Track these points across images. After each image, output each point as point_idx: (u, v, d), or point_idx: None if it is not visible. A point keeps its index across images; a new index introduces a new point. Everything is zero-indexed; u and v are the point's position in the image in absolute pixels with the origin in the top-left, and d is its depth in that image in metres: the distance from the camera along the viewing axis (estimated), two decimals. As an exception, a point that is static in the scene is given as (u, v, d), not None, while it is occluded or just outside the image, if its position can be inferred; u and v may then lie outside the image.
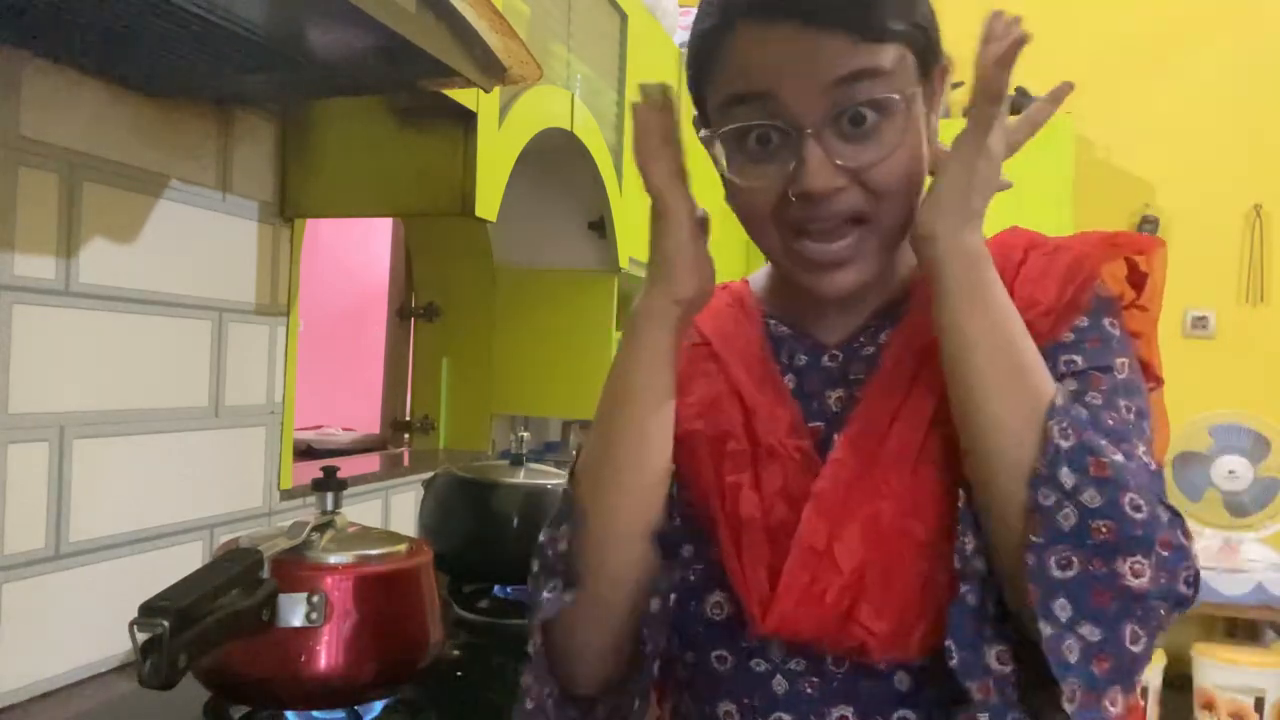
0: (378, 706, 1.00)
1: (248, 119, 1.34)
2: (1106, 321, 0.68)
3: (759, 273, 0.83)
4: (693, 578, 0.69)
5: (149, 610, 0.71)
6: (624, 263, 1.96)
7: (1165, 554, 0.59)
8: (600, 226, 1.92)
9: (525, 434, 1.55)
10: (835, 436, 0.69)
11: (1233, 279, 3.37)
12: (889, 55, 0.64)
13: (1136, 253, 0.71)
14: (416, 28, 0.92)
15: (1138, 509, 0.58)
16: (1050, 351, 0.66)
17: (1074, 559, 0.58)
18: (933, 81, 0.68)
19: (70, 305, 1.10)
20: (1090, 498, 0.58)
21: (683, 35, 2.74)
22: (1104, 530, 0.58)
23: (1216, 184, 3.35)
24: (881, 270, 0.70)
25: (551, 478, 1.50)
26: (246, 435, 1.38)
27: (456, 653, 1.26)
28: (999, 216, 0.68)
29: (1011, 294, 0.66)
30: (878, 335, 0.73)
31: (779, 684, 0.67)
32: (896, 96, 0.64)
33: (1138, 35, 3.42)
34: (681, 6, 2.68)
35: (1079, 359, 0.67)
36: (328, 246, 3.47)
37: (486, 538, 1.44)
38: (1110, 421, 0.64)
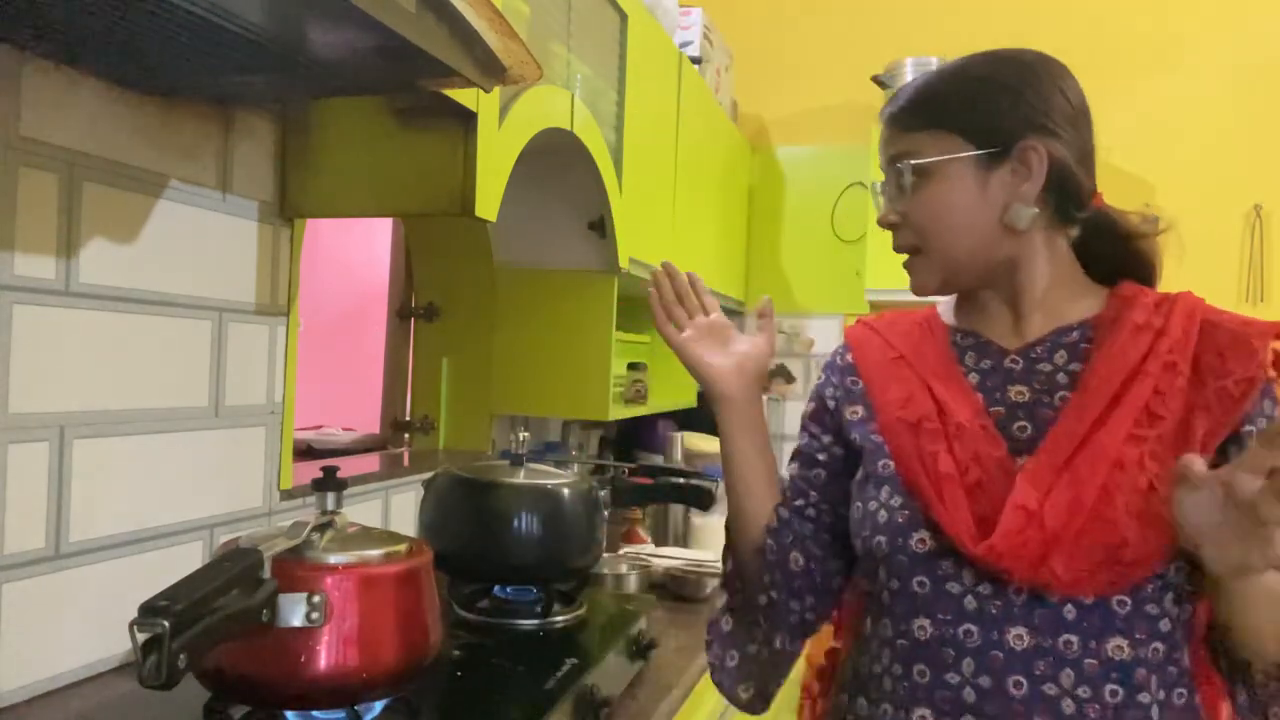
0: (378, 706, 1.00)
1: (248, 119, 1.34)
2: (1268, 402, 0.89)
3: (946, 300, 1.07)
4: (901, 520, 0.91)
5: (149, 610, 0.71)
6: (624, 263, 1.96)
7: None
8: (600, 226, 1.92)
9: (525, 434, 1.55)
10: (1022, 424, 0.92)
11: (1233, 279, 3.37)
12: (926, 141, 0.95)
13: None
14: (416, 28, 0.92)
15: None
16: (1239, 422, 0.87)
17: None
18: (1003, 156, 0.93)
19: (70, 305, 1.10)
20: None
21: (683, 35, 2.74)
22: None
23: (1216, 184, 3.35)
24: (942, 285, 0.99)
25: (551, 478, 1.50)
26: (246, 435, 1.38)
27: (456, 653, 1.26)
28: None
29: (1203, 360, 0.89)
30: (1053, 353, 0.95)
31: (969, 603, 0.88)
32: (931, 162, 0.94)
33: (1138, 35, 3.42)
34: (681, 7, 2.69)
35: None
36: (328, 246, 3.46)
37: (486, 538, 1.44)
38: None
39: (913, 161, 0.95)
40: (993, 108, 0.93)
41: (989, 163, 0.93)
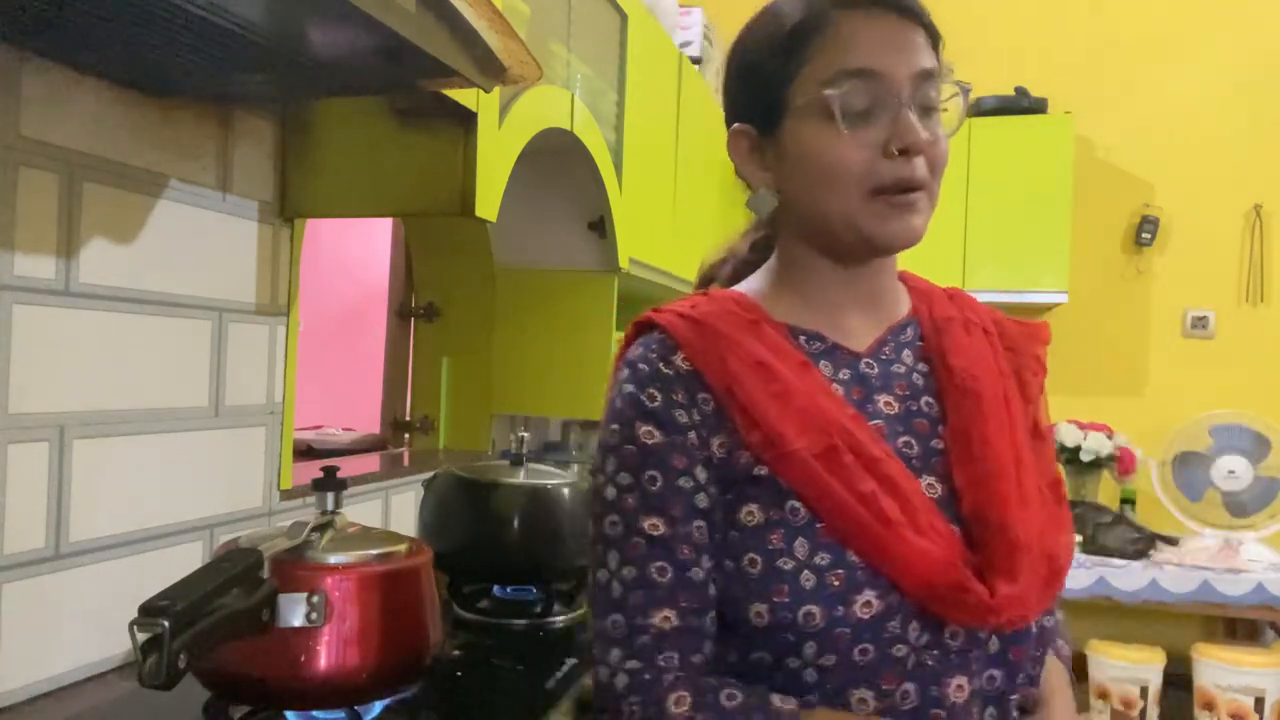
0: (378, 706, 1.00)
1: (248, 119, 1.34)
2: None
3: (751, 285, 0.89)
4: (836, 582, 0.74)
5: (149, 610, 0.71)
6: (624, 263, 1.96)
7: None
8: (600, 226, 1.92)
9: (525, 434, 1.55)
10: (906, 439, 0.81)
11: (1233, 279, 3.37)
12: (937, 59, 0.80)
13: None
14: (416, 28, 0.92)
15: None
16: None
17: None
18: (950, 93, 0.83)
19: (70, 305, 1.10)
20: None
21: (683, 35, 2.74)
22: None
23: (1216, 184, 3.35)
24: (921, 235, 0.81)
25: (551, 478, 1.50)
26: (246, 435, 1.38)
27: (456, 653, 1.26)
28: (1002, 216, 0.71)
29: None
30: (901, 351, 0.85)
31: (910, 660, 0.75)
32: (953, 92, 0.81)
33: (1138, 35, 3.42)
34: (681, 7, 2.69)
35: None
36: (328, 246, 3.47)
37: (486, 538, 1.44)
38: None
39: (957, 84, 0.81)
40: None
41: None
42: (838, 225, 0.80)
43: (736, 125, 0.86)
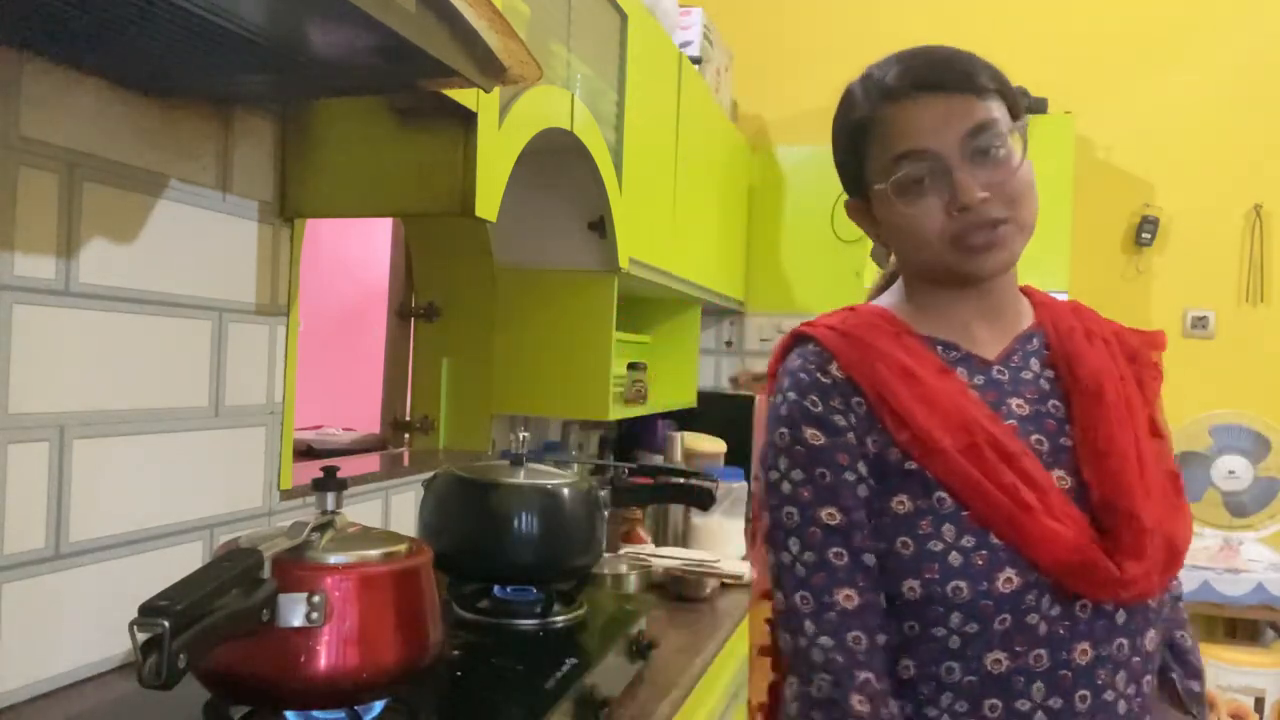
0: (378, 706, 1.00)
1: (248, 119, 1.34)
2: None
3: (888, 301, 1.00)
4: (981, 561, 0.84)
5: (149, 610, 0.71)
6: (624, 263, 1.96)
7: None
8: (600, 226, 1.92)
9: (525, 434, 1.55)
10: (1037, 438, 0.90)
11: (1233, 279, 3.37)
12: (997, 106, 0.90)
13: None
14: (416, 28, 0.92)
15: None
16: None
17: None
18: (1020, 124, 0.91)
19: (70, 305, 1.10)
20: None
21: (683, 35, 2.74)
22: None
23: (1216, 184, 3.35)
24: (1017, 255, 0.91)
25: (551, 478, 1.50)
26: (246, 435, 1.38)
27: (456, 653, 1.26)
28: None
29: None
30: (1029, 359, 0.95)
31: (1041, 628, 0.84)
32: (1006, 131, 0.89)
33: (1138, 35, 3.41)
34: (681, 7, 2.68)
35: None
36: (328, 246, 3.47)
37: (486, 538, 1.44)
38: None
39: (1009, 128, 0.90)
40: (1001, 75, 0.93)
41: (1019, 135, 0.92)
42: (938, 270, 0.92)
43: (847, 199, 1.00)
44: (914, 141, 0.89)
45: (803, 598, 0.86)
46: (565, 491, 1.47)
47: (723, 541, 2.40)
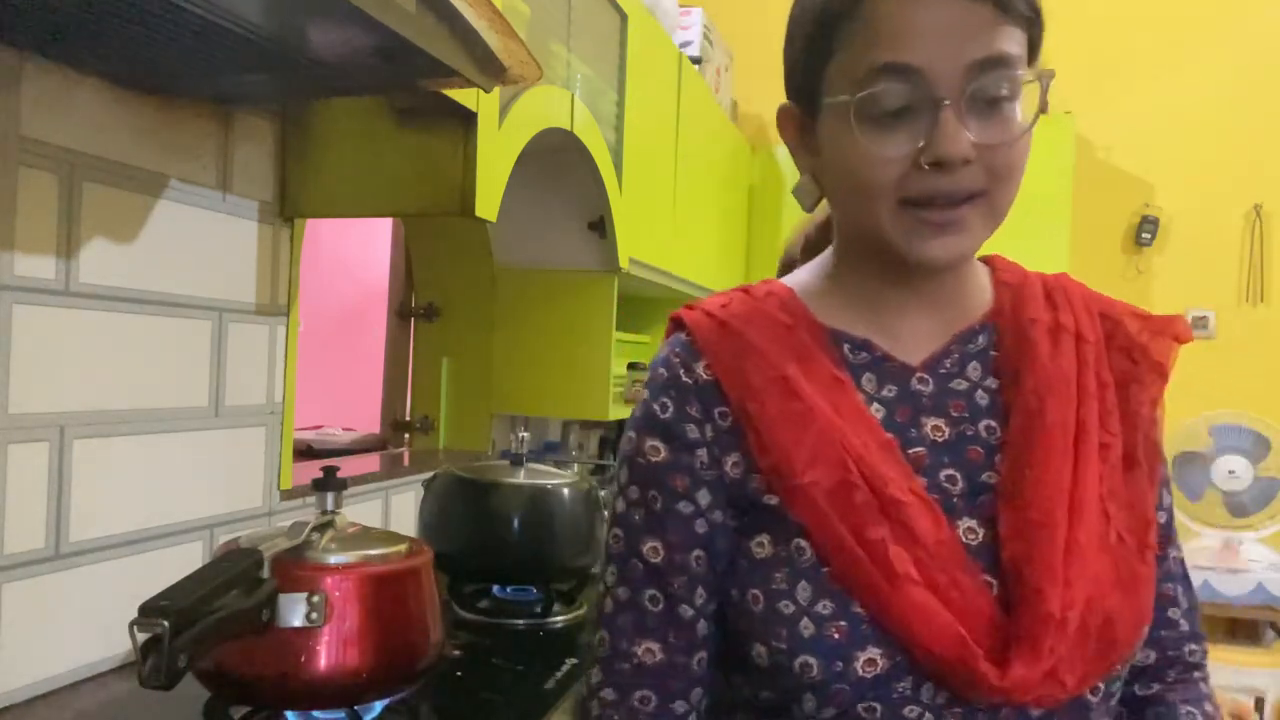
0: (378, 706, 1.00)
1: (248, 119, 1.34)
2: None
3: (803, 278, 0.78)
4: (837, 635, 0.65)
5: (149, 610, 0.71)
6: (624, 263, 1.96)
7: None
8: (600, 226, 1.92)
9: (525, 434, 1.55)
10: (949, 474, 0.69)
11: (1233, 279, 3.37)
12: (1019, 40, 0.65)
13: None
14: (416, 28, 0.92)
15: None
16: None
17: None
18: (1044, 73, 0.68)
19: (70, 305, 1.10)
20: None
21: (683, 35, 2.74)
22: None
23: (1216, 184, 3.35)
24: (979, 246, 0.69)
25: (551, 478, 1.50)
26: (246, 435, 1.37)
27: (456, 653, 1.26)
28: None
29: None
30: (964, 366, 0.73)
31: None
32: (1021, 78, 0.65)
33: (1138, 35, 3.42)
34: (681, 7, 2.69)
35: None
36: (328, 246, 3.47)
37: (486, 538, 1.44)
38: None
39: (1027, 79, 0.66)
40: (1041, 13, 0.68)
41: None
42: (870, 236, 0.69)
43: (784, 104, 0.75)
44: (905, 52, 0.63)
45: (601, 639, 0.71)
46: (565, 491, 1.47)
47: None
